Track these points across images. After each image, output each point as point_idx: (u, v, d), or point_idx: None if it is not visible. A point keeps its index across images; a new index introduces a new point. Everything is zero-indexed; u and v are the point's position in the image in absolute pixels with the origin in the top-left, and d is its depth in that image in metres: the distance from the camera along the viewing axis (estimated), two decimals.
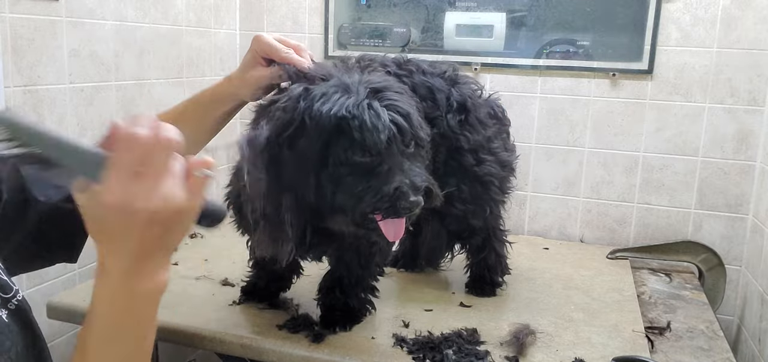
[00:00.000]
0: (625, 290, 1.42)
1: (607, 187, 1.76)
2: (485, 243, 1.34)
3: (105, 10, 1.41)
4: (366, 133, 0.90)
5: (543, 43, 1.73)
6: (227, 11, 1.89)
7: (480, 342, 1.13)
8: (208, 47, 1.82)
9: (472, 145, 1.25)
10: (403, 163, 0.93)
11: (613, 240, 1.77)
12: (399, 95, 0.96)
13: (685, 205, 1.71)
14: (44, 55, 1.27)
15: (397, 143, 0.92)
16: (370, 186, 0.92)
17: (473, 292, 1.35)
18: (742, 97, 1.61)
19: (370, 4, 1.84)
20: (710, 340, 1.22)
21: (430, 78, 1.25)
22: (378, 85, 0.95)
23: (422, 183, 0.93)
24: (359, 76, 0.96)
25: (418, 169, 0.95)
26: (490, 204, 1.30)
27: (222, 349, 1.13)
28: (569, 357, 1.09)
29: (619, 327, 1.22)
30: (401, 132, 0.93)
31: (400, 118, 0.93)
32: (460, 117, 1.25)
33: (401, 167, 0.93)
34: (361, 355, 1.06)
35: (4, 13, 1.18)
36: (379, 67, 1.23)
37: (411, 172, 0.93)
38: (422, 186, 0.93)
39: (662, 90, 1.67)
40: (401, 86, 1.02)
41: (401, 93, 0.98)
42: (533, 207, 1.83)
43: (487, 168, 1.27)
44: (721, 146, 1.65)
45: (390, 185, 0.91)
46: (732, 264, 1.67)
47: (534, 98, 1.77)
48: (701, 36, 1.62)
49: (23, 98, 1.23)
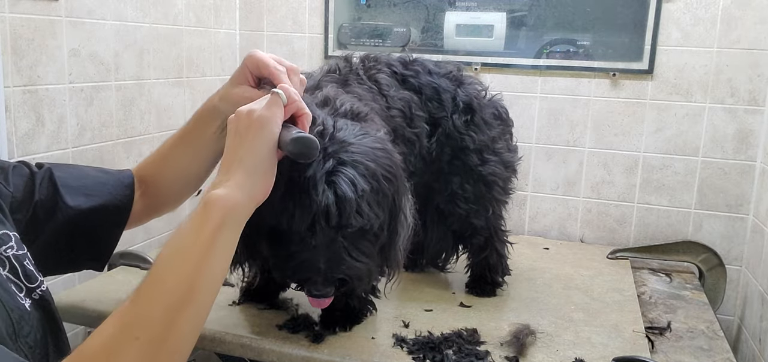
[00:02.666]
0: (625, 290, 1.42)
1: (608, 187, 1.76)
2: (487, 243, 1.34)
3: (105, 10, 1.41)
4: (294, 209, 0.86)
5: (543, 43, 1.73)
6: (227, 11, 1.89)
7: (480, 342, 1.13)
8: (208, 47, 1.82)
9: (477, 145, 1.27)
10: (333, 243, 0.89)
11: (614, 240, 1.77)
12: (355, 170, 0.86)
13: (686, 205, 1.70)
14: (44, 55, 1.27)
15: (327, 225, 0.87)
16: (292, 256, 0.90)
17: (473, 292, 1.35)
18: (742, 97, 1.61)
19: (370, 4, 1.84)
20: (710, 340, 1.22)
21: (436, 78, 1.26)
22: (343, 154, 0.87)
23: (338, 275, 0.90)
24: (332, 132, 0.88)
25: (349, 253, 0.90)
26: (493, 204, 1.31)
27: (222, 349, 1.13)
28: (569, 357, 1.09)
29: (619, 327, 1.22)
30: (327, 218, 0.86)
31: (332, 202, 0.85)
32: (466, 117, 1.26)
33: (328, 248, 0.89)
34: (361, 355, 1.06)
35: (4, 13, 1.18)
36: (384, 67, 1.23)
37: (334, 257, 0.89)
38: (336, 277, 0.90)
39: (662, 90, 1.67)
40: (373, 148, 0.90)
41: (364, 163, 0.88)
42: (533, 207, 1.83)
43: (491, 168, 1.28)
44: (721, 146, 1.65)
45: (302, 271, 0.90)
46: (732, 264, 1.67)
47: (534, 98, 1.77)
48: (701, 36, 1.62)
49: (23, 98, 1.23)
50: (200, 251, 0.68)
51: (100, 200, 0.94)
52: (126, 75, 1.50)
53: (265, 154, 0.75)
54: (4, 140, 1.19)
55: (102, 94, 1.43)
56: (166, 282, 0.67)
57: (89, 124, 1.40)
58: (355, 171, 0.86)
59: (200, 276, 0.68)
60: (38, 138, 1.27)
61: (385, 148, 0.92)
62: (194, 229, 0.70)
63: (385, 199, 0.91)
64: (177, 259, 0.68)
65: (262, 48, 1.96)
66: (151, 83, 1.59)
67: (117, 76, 1.47)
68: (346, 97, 1.04)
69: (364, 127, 0.95)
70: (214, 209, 0.70)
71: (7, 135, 1.20)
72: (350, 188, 0.85)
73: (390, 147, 0.95)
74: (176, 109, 1.69)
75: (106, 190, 0.96)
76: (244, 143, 0.75)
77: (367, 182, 0.87)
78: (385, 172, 0.90)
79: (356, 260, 0.92)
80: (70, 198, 0.89)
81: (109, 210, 0.95)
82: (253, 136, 0.75)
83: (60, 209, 0.88)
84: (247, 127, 0.75)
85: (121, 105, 1.49)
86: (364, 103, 1.09)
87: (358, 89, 1.14)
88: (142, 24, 1.53)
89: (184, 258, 0.68)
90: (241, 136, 0.76)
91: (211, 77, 1.84)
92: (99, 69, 1.41)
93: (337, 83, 1.12)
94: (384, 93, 1.18)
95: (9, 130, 1.20)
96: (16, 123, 1.22)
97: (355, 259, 0.91)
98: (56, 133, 1.31)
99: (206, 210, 0.70)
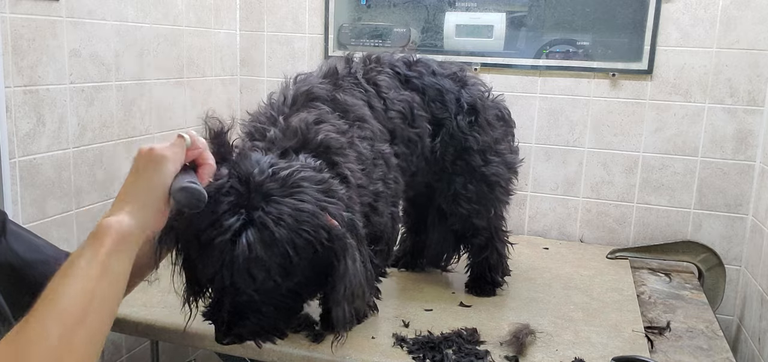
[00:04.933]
0: (624, 290, 1.43)
1: (607, 187, 1.76)
2: (488, 243, 1.35)
3: (105, 10, 1.41)
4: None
5: (543, 43, 1.73)
6: (227, 11, 1.90)
7: (480, 341, 1.13)
8: (209, 47, 1.82)
9: (481, 145, 1.27)
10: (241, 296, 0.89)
11: (613, 240, 1.77)
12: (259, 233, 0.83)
13: (685, 205, 1.71)
14: (44, 55, 1.27)
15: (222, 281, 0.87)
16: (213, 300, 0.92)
17: (473, 292, 1.36)
18: (742, 97, 1.61)
19: (370, 5, 1.84)
20: (710, 340, 1.22)
21: (440, 79, 1.26)
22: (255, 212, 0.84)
23: (236, 330, 0.90)
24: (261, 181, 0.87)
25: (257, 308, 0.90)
26: (495, 205, 1.32)
27: (222, 349, 1.13)
28: (569, 357, 1.09)
29: (618, 327, 1.22)
30: (221, 274, 0.85)
31: (228, 262, 0.84)
32: (470, 118, 1.27)
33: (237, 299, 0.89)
34: (361, 355, 1.07)
35: (4, 13, 1.18)
36: (386, 68, 1.23)
37: (239, 310, 0.89)
38: (237, 332, 0.90)
39: (662, 90, 1.67)
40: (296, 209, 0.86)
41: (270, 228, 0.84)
42: (533, 207, 1.84)
43: (493, 169, 1.28)
44: (720, 146, 1.65)
45: (210, 315, 0.91)
46: (731, 263, 1.67)
47: (534, 98, 1.77)
48: (701, 36, 1.62)
49: (24, 98, 1.23)
50: (93, 274, 0.70)
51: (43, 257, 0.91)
52: (126, 75, 1.50)
53: (159, 190, 0.77)
54: (5, 140, 1.19)
55: (102, 94, 1.43)
56: (60, 304, 0.67)
57: (90, 124, 1.40)
58: (259, 235, 0.83)
59: (93, 298, 0.69)
60: (39, 138, 1.27)
61: (314, 211, 0.87)
62: (87, 253, 0.71)
63: (295, 266, 0.87)
64: (70, 281, 0.69)
65: (262, 48, 1.96)
66: (151, 83, 1.59)
67: (117, 76, 1.47)
68: (325, 127, 1.01)
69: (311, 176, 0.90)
70: (107, 235, 0.72)
71: (8, 135, 1.20)
72: (244, 253, 0.82)
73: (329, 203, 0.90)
74: (176, 109, 1.69)
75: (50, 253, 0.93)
76: (140, 178, 0.77)
77: (266, 249, 0.83)
78: (298, 239, 0.85)
79: (265, 316, 0.91)
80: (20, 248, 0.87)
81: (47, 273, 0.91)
82: (151, 172, 0.77)
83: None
84: (146, 163, 0.77)
85: (122, 105, 1.49)
86: (346, 123, 1.06)
87: (349, 97, 1.12)
88: (142, 24, 1.54)
89: (77, 280, 0.69)
90: (139, 171, 0.77)
91: (211, 77, 1.84)
92: (99, 69, 1.42)
93: (330, 88, 1.11)
94: (383, 95, 1.18)
95: (10, 130, 1.20)
96: (16, 123, 1.22)
97: (264, 315, 0.91)
98: (57, 133, 1.31)
99: (99, 235, 0.72)
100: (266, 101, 1.11)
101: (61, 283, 0.69)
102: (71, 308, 0.67)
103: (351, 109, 1.10)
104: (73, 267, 0.70)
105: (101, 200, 1.44)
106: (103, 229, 0.72)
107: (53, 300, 0.68)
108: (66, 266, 0.71)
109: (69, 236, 1.36)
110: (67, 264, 0.71)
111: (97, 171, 1.43)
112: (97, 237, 0.72)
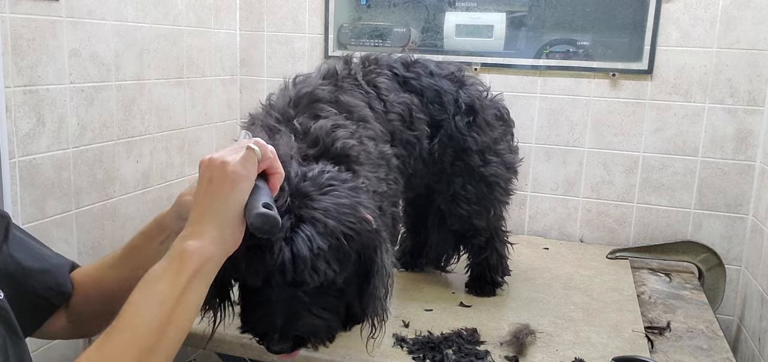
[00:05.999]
0: (624, 290, 1.43)
1: (607, 187, 1.76)
2: (488, 243, 1.35)
3: (105, 10, 1.41)
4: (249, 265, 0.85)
5: (543, 43, 1.73)
6: (227, 11, 1.89)
7: (480, 342, 1.13)
8: (209, 47, 1.82)
9: (480, 146, 1.27)
10: (294, 299, 0.88)
11: (613, 240, 1.77)
12: (313, 227, 0.85)
13: (685, 205, 1.71)
14: (44, 55, 1.27)
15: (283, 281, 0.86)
16: (254, 309, 0.91)
17: (473, 292, 1.36)
18: (742, 97, 1.61)
19: (370, 4, 1.84)
20: (710, 340, 1.22)
21: (438, 80, 1.26)
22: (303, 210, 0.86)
23: (294, 332, 0.90)
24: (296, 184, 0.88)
25: (310, 309, 0.90)
26: (495, 205, 1.32)
27: (222, 349, 1.13)
28: (569, 357, 1.09)
29: (619, 327, 1.22)
30: (283, 274, 0.85)
31: (288, 260, 0.84)
32: (468, 118, 1.27)
33: (287, 304, 0.88)
34: (361, 355, 1.06)
35: (4, 13, 1.18)
36: (385, 70, 1.23)
37: (293, 314, 0.89)
38: (292, 334, 0.90)
39: (662, 90, 1.67)
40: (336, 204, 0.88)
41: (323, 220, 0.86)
42: (533, 207, 1.84)
43: (492, 169, 1.28)
44: (720, 146, 1.65)
45: (260, 325, 0.90)
46: (732, 263, 1.67)
47: (534, 98, 1.77)
48: (701, 36, 1.62)
49: (24, 98, 1.23)
50: (174, 299, 0.70)
51: (45, 265, 0.89)
52: (126, 75, 1.50)
53: (237, 211, 0.76)
54: (5, 140, 1.19)
55: (102, 94, 1.43)
56: (138, 328, 0.68)
57: (90, 124, 1.40)
58: (313, 229, 0.84)
59: (171, 323, 0.69)
60: (39, 138, 1.27)
61: (352, 204, 0.90)
62: (168, 278, 0.71)
63: (347, 256, 0.88)
64: (150, 305, 0.69)
65: (262, 48, 1.96)
66: (151, 83, 1.59)
67: (117, 76, 1.47)
68: (341, 133, 1.02)
69: (337, 176, 0.92)
70: (191, 261, 0.71)
71: (7, 135, 1.20)
72: (306, 246, 0.83)
73: (361, 199, 0.92)
74: (176, 109, 1.69)
75: (52, 262, 0.91)
76: (217, 196, 0.75)
77: (324, 240, 0.85)
78: (346, 229, 0.87)
79: (317, 316, 0.91)
80: (20, 254, 0.85)
81: (47, 283, 0.89)
82: (228, 192, 0.75)
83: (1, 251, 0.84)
84: (222, 179, 0.76)
85: (122, 105, 1.49)
86: (353, 124, 1.06)
87: (351, 98, 1.12)
88: (142, 24, 1.53)
89: (158, 305, 0.69)
90: (215, 187, 0.76)
91: (211, 77, 1.84)
92: (99, 69, 1.41)
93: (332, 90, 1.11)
94: (383, 97, 1.18)
95: (9, 130, 1.20)
96: (16, 123, 1.22)
97: (316, 316, 0.91)
98: (57, 133, 1.31)
99: (182, 260, 0.71)
100: (266, 102, 1.11)
101: (139, 306, 0.69)
102: (149, 334, 0.68)
103: (354, 110, 1.10)
104: (152, 291, 0.70)
105: (101, 200, 1.44)
106: (187, 255, 0.72)
107: (130, 325, 0.68)
108: (144, 287, 0.71)
109: (69, 236, 1.36)
110: (146, 286, 0.71)
111: (97, 171, 1.43)
112: (180, 261, 0.72)
